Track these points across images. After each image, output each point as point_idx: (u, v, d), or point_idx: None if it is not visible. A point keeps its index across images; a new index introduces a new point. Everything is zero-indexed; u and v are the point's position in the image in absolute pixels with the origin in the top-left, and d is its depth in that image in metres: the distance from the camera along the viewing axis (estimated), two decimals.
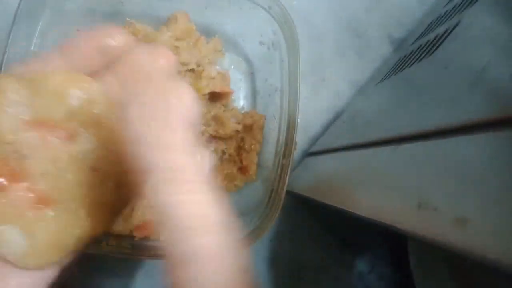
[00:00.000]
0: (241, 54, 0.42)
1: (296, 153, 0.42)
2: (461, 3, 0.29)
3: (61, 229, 0.16)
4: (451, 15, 0.30)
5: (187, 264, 0.14)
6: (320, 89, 0.44)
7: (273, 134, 0.37)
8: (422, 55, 0.29)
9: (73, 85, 0.17)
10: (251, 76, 0.42)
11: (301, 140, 0.43)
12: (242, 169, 0.38)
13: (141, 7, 0.38)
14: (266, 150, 0.39)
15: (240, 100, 0.42)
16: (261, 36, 0.39)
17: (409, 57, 0.33)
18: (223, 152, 0.39)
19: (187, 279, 0.14)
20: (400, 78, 0.32)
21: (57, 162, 0.16)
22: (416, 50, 0.32)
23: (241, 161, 0.38)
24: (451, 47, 0.24)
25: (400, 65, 0.34)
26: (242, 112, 0.40)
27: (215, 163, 0.39)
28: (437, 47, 0.26)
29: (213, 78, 0.38)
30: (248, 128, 0.38)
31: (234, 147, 0.39)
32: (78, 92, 0.16)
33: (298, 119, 0.34)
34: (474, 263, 0.13)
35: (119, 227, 0.33)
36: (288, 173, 0.33)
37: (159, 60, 0.18)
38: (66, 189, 0.16)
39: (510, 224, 0.12)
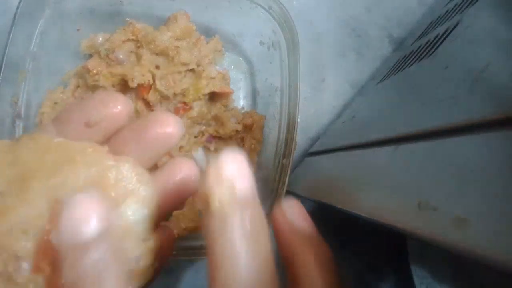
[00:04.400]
0: (241, 54, 0.42)
1: (296, 153, 0.42)
2: (461, 3, 0.29)
3: None
4: (451, 15, 0.30)
5: None
6: (320, 89, 0.44)
7: (273, 134, 0.37)
8: (422, 55, 0.29)
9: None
10: (251, 76, 0.42)
11: (301, 140, 0.43)
12: None
13: (141, 7, 0.38)
14: (266, 150, 0.39)
15: (240, 100, 0.42)
16: (261, 36, 0.39)
17: (409, 57, 0.33)
18: None
19: None
20: (400, 78, 0.32)
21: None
22: (416, 50, 0.32)
23: None
24: (451, 47, 0.24)
25: (400, 65, 0.34)
26: (242, 112, 0.40)
27: None
28: (437, 47, 0.26)
29: (213, 78, 0.38)
30: (248, 128, 0.38)
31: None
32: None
33: (298, 119, 0.34)
34: (475, 262, 0.13)
35: None
36: (288, 173, 0.33)
37: None
38: None
39: (510, 223, 0.12)
